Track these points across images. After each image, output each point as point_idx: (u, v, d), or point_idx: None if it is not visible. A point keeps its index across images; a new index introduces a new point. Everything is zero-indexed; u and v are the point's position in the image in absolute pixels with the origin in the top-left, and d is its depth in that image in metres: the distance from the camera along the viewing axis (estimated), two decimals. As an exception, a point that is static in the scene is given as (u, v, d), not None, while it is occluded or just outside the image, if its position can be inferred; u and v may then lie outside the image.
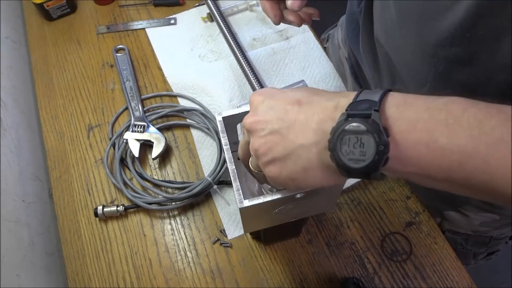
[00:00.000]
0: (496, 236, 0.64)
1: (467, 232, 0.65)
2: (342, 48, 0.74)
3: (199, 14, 0.86)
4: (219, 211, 0.65)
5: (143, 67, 0.81)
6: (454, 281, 0.60)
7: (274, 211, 0.42)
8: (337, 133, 0.29)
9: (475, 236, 0.65)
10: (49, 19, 0.87)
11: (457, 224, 0.63)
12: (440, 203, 0.63)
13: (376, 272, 0.61)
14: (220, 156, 0.67)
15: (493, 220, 0.58)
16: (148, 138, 0.69)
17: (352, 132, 0.29)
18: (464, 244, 0.67)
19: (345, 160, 0.29)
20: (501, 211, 0.56)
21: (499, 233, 0.64)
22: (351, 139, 0.29)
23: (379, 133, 0.28)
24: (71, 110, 0.77)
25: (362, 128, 0.28)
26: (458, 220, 0.62)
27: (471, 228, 0.63)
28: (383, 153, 0.27)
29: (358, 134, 0.28)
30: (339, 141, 0.29)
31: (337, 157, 0.29)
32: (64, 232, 0.66)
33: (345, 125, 0.29)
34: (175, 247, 0.63)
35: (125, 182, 0.67)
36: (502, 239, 0.65)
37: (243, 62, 0.75)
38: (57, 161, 0.72)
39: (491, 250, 0.70)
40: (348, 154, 0.29)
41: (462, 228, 0.64)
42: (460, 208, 0.60)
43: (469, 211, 0.59)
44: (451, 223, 0.64)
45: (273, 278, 0.61)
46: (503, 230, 0.63)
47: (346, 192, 0.66)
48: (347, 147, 0.29)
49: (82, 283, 0.62)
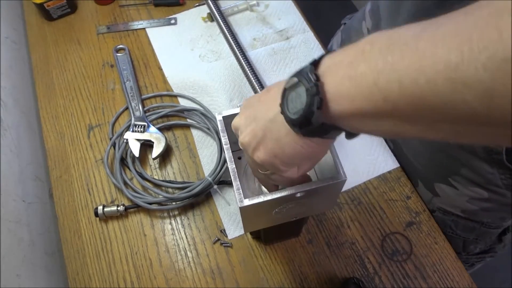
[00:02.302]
0: (486, 223, 0.64)
1: (456, 212, 0.65)
2: (368, 19, 0.73)
3: (199, 14, 0.86)
4: (219, 211, 0.65)
5: (144, 67, 0.81)
6: (454, 281, 0.60)
7: (274, 210, 0.42)
8: (282, 95, 0.32)
9: (464, 219, 0.65)
10: (49, 19, 0.87)
11: (447, 199, 0.64)
12: (432, 174, 0.63)
13: (376, 272, 0.61)
14: (220, 155, 0.67)
15: (481, 198, 0.59)
16: (149, 138, 0.69)
17: (290, 88, 0.31)
18: (454, 228, 0.67)
19: (290, 115, 0.31)
20: (489, 187, 0.57)
21: (488, 219, 0.64)
22: (292, 96, 0.31)
23: (307, 78, 0.29)
24: (72, 110, 0.77)
25: (295, 81, 0.31)
26: (448, 194, 0.63)
27: (460, 205, 0.63)
28: (314, 95, 0.29)
29: (295, 88, 0.31)
30: (285, 101, 0.32)
31: (285, 114, 0.32)
32: (64, 232, 0.66)
33: (285, 84, 0.32)
34: (175, 247, 0.63)
35: (125, 182, 0.67)
36: (493, 228, 0.65)
37: (243, 62, 0.75)
38: (58, 161, 0.72)
39: (482, 243, 0.70)
40: (293, 110, 0.31)
41: (452, 207, 0.65)
42: (450, 179, 0.61)
43: (458, 182, 0.60)
44: (441, 199, 0.65)
45: (273, 278, 0.61)
46: (492, 215, 0.63)
47: (346, 192, 0.66)
48: (292, 103, 0.31)
49: (82, 283, 0.62)
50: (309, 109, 0.29)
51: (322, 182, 0.39)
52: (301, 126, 0.31)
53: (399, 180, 0.67)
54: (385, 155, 0.69)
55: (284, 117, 0.32)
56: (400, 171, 0.68)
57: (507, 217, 0.63)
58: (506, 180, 0.54)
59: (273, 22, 0.84)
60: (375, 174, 0.67)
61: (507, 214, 0.62)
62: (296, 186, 0.39)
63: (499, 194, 0.57)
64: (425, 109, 0.24)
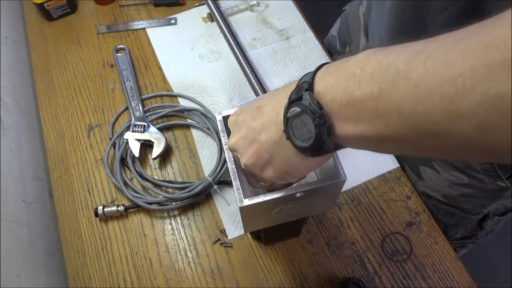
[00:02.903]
0: (465, 209, 0.66)
1: (438, 197, 0.66)
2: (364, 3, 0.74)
3: (199, 14, 0.86)
4: (219, 211, 0.65)
5: (144, 67, 0.81)
6: (454, 281, 0.60)
7: (274, 210, 0.42)
8: (285, 122, 0.32)
9: (445, 205, 0.67)
10: (49, 19, 0.87)
11: (430, 183, 0.65)
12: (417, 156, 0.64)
13: (376, 272, 0.61)
14: (220, 156, 0.67)
15: (461, 183, 0.61)
16: (149, 138, 0.69)
17: (294, 117, 0.31)
18: (436, 212, 0.69)
19: (299, 143, 0.32)
20: (468, 172, 0.58)
21: (468, 205, 0.65)
22: (297, 123, 0.31)
23: (312, 109, 0.29)
24: (72, 110, 0.77)
25: (298, 111, 0.31)
26: (431, 178, 0.64)
27: (441, 189, 0.65)
28: (321, 125, 0.29)
29: (299, 117, 0.31)
30: (289, 128, 0.32)
31: (293, 142, 0.32)
32: (64, 232, 0.66)
33: (287, 113, 0.32)
34: (175, 247, 0.63)
35: (125, 182, 0.67)
36: (473, 215, 0.67)
37: (243, 62, 0.75)
38: (58, 161, 0.72)
39: (462, 228, 0.72)
40: (301, 137, 0.31)
41: (434, 191, 0.66)
42: (433, 163, 0.62)
43: (440, 166, 0.62)
44: (425, 182, 0.66)
45: (273, 278, 0.61)
46: (472, 202, 0.64)
47: (346, 192, 0.66)
48: (297, 130, 0.31)
49: (82, 283, 0.62)
50: (320, 139, 0.30)
51: (322, 182, 0.39)
52: (312, 153, 0.32)
53: (399, 180, 0.67)
54: (385, 155, 0.69)
55: (291, 142, 0.33)
56: (400, 171, 0.68)
57: (486, 204, 0.64)
58: (484, 165, 0.56)
59: (273, 22, 0.84)
60: (375, 174, 0.67)
61: (486, 201, 0.63)
62: (296, 186, 0.39)
63: (477, 179, 0.58)
64: (425, 135, 0.25)
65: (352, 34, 0.80)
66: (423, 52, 0.24)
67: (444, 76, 0.22)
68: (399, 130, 0.26)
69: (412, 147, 0.27)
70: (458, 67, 0.22)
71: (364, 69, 0.27)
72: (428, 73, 0.23)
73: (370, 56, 0.27)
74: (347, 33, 0.82)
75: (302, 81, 0.32)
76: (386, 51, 0.27)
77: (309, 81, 0.31)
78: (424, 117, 0.24)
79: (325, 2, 1.70)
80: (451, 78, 0.22)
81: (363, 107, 0.27)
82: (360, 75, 0.27)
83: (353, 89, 0.27)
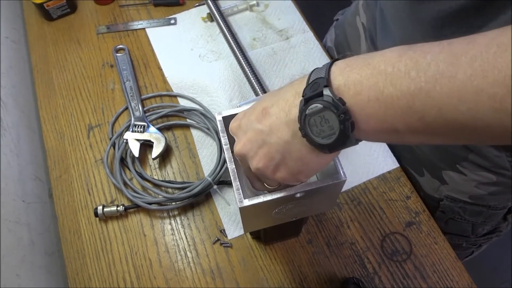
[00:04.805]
0: (493, 206, 0.65)
1: (464, 198, 0.65)
2: (362, 13, 0.74)
3: (199, 14, 0.86)
4: (219, 211, 0.65)
5: (143, 67, 0.81)
6: (454, 281, 0.60)
7: (274, 210, 0.42)
8: (302, 120, 0.32)
9: (472, 205, 0.66)
10: (49, 19, 0.87)
11: (455, 186, 0.64)
12: (440, 161, 0.63)
13: (376, 272, 0.61)
14: (220, 156, 0.67)
15: (489, 182, 0.60)
16: (148, 138, 0.69)
17: (313, 114, 0.31)
18: (462, 214, 0.68)
19: (319, 140, 0.32)
20: (497, 170, 0.58)
21: (495, 202, 0.64)
22: (316, 120, 0.31)
23: (335, 105, 0.30)
24: (71, 110, 0.77)
25: (319, 107, 0.30)
26: (456, 181, 0.63)
27: (468, 191, 0.64)
28: (346, 121, 0.30)
29: (319, 113, 0.31)
30: (307, 126, 0.32)
31: (312, 140, 0.32)
32: (64, 232, 0.66)
33: (306, 110, 0.31)
34: (175, 247, 0.63)
35: (125, 182, 0.67)
36: (500, 210, 0.66)
37: (243, 62, 0.75)
38: (57, 161, 0.72)
39: (490, 224, 0.71)
40: (320, 134, 0.31)
41: (460, 193, 0.65)
42: (459, 166, 0.61)
43: (466, 168, 0.61)
44: (449, 186, 0.65)
45: (273, 278, 0.61)
46: (499, 198, 0.63)
47: (346, 192, 0.66)
48: (316, 127, 0.31)
49: (82, 283, 0.62)
50: (344, 134, 0.30)
51: (322, 182, 0.39)
52: (331, 149, 0.32)
53: (398, 180, 0.67)
54: (385, 155, 0.69)
55: (307, 140, 0.33)
56: (400, 171, 0.68)
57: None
58: None
59: (273, 22, 0.84)
60: (375, 174, 0.67)
61: None
62: (296, 186, 0.39)
63: (506, 177, 0.58)
64: (464, 129, 0.26)
65: (351, 44, 0.80)
66: (465, 54, 0.25)
67: (496, 77, 0.23)
68: (434, 124, 0.27)
69: (441, 138, 0.28)
70: (504, 69, 0.23)
71: (396, 66, 0.27)
72: (476, 74, 0.24)
73: (402, 54, 0.28)
74: (345, 44, 0.81)
75: (314, 77, 0.32)
76: (419, 50, 0.27)
77: (326, 77, 0.31)
78: (467, 114, 0.25)
79: (325, 2, 1.70)
80: (504, 79, 0.23)
81: (396, 103, 0.27)
82: (392, 73, 0.27)
83: (385, 85, 0.28)
